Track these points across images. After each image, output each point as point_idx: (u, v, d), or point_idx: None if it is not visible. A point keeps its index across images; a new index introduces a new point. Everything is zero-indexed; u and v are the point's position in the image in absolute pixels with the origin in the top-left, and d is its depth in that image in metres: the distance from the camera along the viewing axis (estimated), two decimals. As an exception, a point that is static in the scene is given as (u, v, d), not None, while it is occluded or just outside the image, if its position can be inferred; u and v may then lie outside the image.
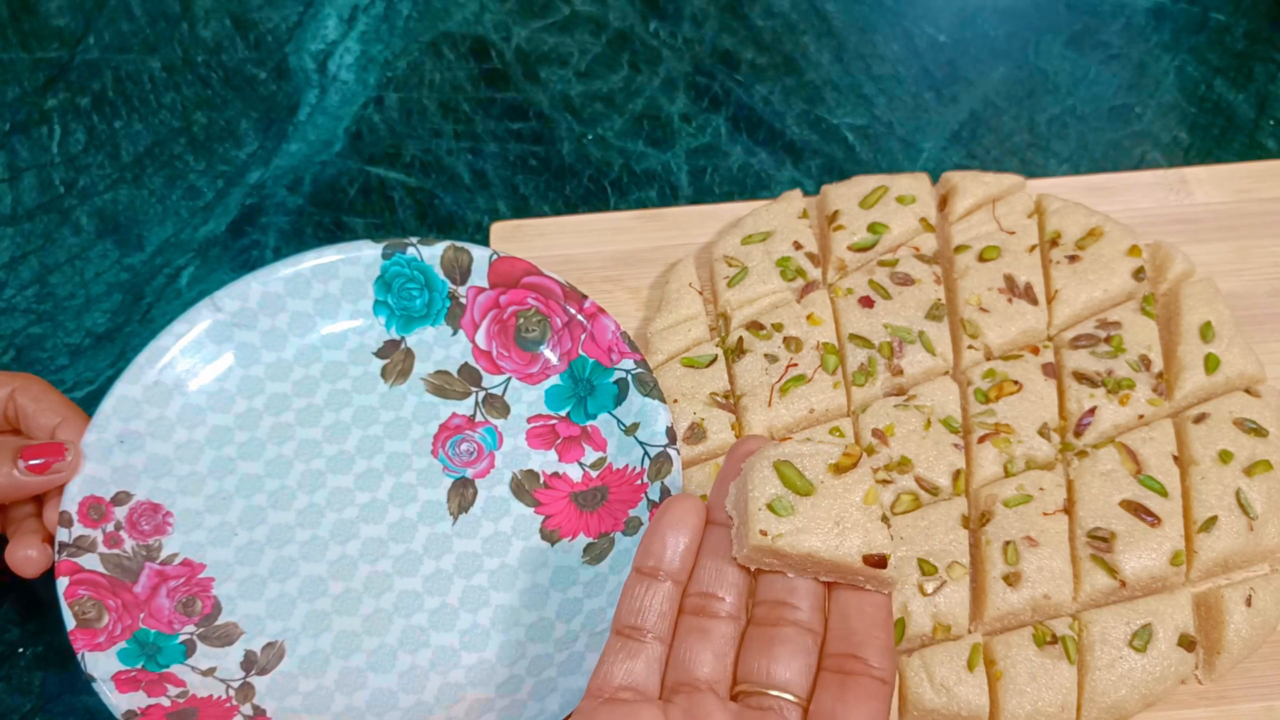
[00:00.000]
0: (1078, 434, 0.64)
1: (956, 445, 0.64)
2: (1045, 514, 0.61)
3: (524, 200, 0.78)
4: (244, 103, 0.83)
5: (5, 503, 0.61)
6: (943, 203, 0.72)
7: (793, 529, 0.47)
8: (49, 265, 0.77)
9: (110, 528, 0.62)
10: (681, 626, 0.49)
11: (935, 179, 0.75)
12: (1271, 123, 0.79)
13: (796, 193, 0.73)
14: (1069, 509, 0.62)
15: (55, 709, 0.63)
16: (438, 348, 0.69)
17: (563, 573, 0.63)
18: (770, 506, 0.48)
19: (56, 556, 0.60)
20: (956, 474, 0.63)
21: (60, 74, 0.84)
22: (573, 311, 0.67)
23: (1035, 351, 0.66)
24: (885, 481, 0.63)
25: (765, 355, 0.66)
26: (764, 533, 0.47)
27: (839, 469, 0.49)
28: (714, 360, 0.67)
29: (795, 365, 0.66)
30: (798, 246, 0.70)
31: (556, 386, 0.68)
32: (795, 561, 0.48)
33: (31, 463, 0.59)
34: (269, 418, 0.67)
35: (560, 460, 0.66)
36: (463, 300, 0.69)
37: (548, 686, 0.58)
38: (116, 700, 0.57)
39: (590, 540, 0.63)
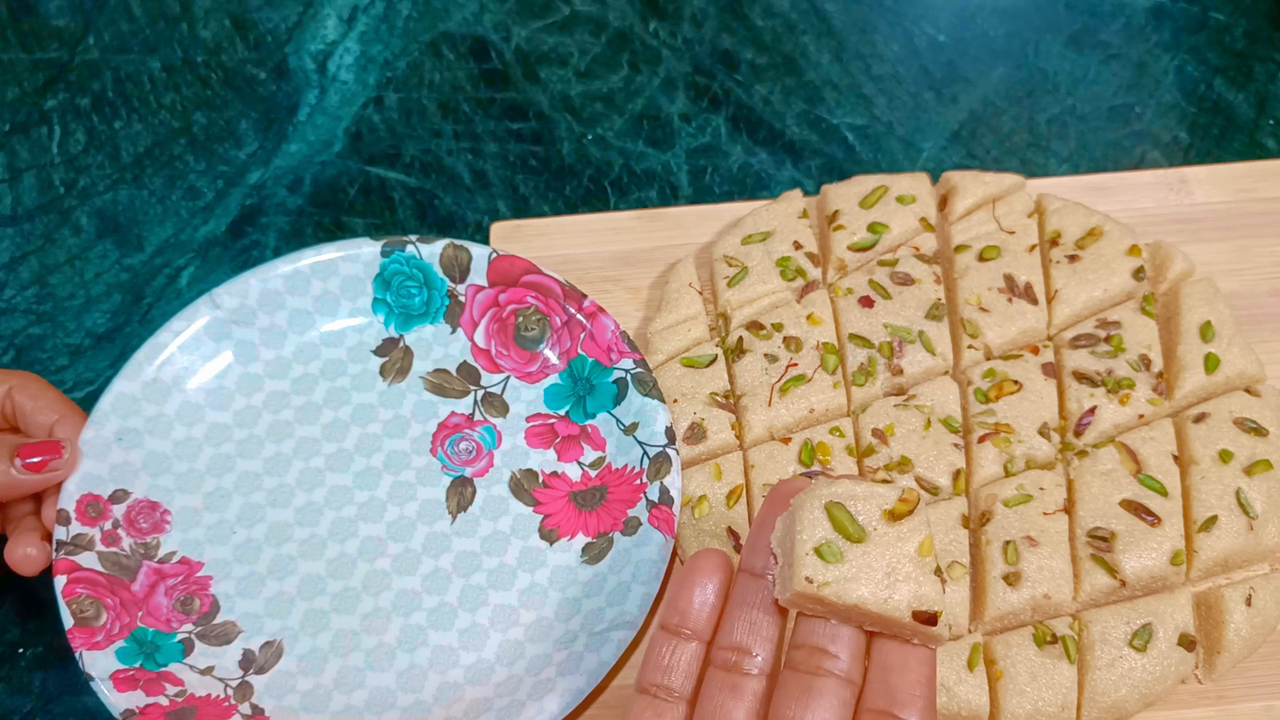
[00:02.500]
0: (1078, 434, 0.64)
1: (956, 445, 0.64)
2: (1045, 514, 0.61)
3: (524, 200, 0.78)
4: (244, 103, 0.83)
5: (3, 501, 0.61)
6: (943, 202, 0.72)
7: (840, 578, 0.45)
8: (49, 265, 0.77)
9: (108, 526, 0.62)
10: (712, 682, 0.47)
11: (935, 179, 0.75)
12: (1271, 122, 0.79)
13: (796, 193, 0.73)
14: (1069, 509, 0.61)
15: (55, 709, 0.63)
16: (437, 346, 0.69)
17: (561, 572, 0.63)
18: (818, 551, 0.45)
19: (54, 555, 0.60)
20: (956, 474, 0.63)
21: (60, 74, 0.84)
22: (572, 310, 0.67)
23: (1035, 351, 0.66)
24: (885, 481, 0.63)
25: (765, 355, 0.66)
26: (809, 579, 0.44)
27: (894, 515, 0.46)
28: (714, 360, 0.67)
29: (795, 365, 0.66)
30: (798, 246, 0.70)
31: (555, 385, 0.68)
32: (840, 611, 0.45)
33: (29, 461, 0.59)
34: (267, 415, 0.67)
35: (559, 459, 0.66)
36: (462, 298, 0.69)
37: (546, 686, 0.58)
38: (115, 699, 0.57)
39: (589, 540, 0.63)
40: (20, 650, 0.65)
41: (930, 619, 0.44)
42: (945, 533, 0.61)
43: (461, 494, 0.65)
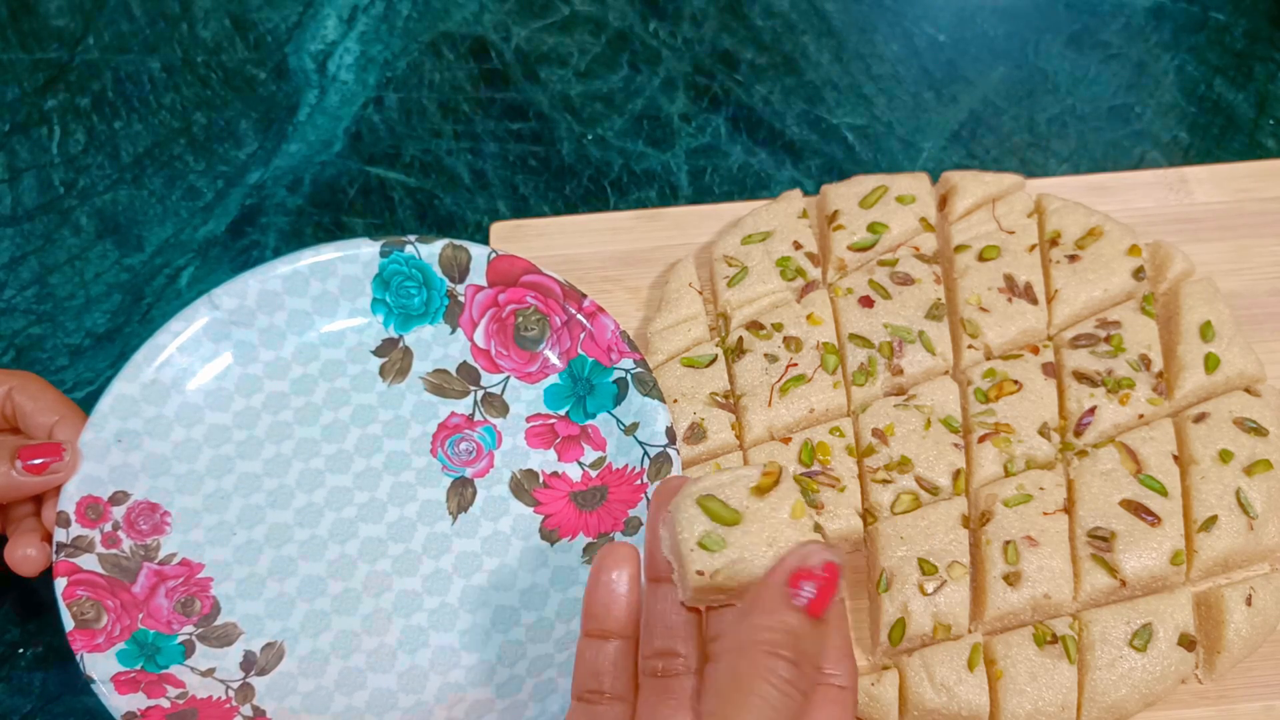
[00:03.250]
0: (1078, 433, 0.64)
1: (956, 445, 0.64)
2: (1045, 514, 0.61)
3: (524, 200, 0.78)
4: (244, 103, 0.83)
5: (3, 502, 0.61)
6: (942, 202, 0.72)
7: (728, 561, 0.46)
8: (49, 265, 0.77)
9: (108, 528, 0.62)
10: (647, 690, 0.47)
11: (935, 179, 0.75)
12: (1271, 122, 0.79)
13: (796, 193, 0.73)
14: (1069, 508, 0.62)
15: (56, 709, 0.63)
16: (436, 346, 0.69)
17: (562, 573, 0.63)
18: (701, 544, 0.46)
19: (54, 557, 0.60)
20: (956, 474, 0.63)
21: (60, 74, 0.84)
22: (572, 310, 0.67)
23: (1035, 351, 0.66)
24: (885, 481, 0.63)
25: (765, 355, 0.66)
26: (701, 572, 0.45)
27: (761, 490, 0.47)
28: (714, 360, 0.67)
29: (795, 365, 0.66)
30: (797, 246, 0.70)
31: (555, 385, 0.67)
32: (740, 592, 0.46)
33: (30, 463, 0.59)
34: (267, 416, 0.67)
35: (559, 460, 0.66)
36: (461, 299, 0.69)
37: (548, 687, 0.58)
38: (116, 702, 0.57)
39: (590, 540, 0.63)
40: (20, 650, 0.65)
41: None
42: (945, 533, 0.61)
43: (462, 495, 0.65)
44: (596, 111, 0.82)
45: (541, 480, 0.65)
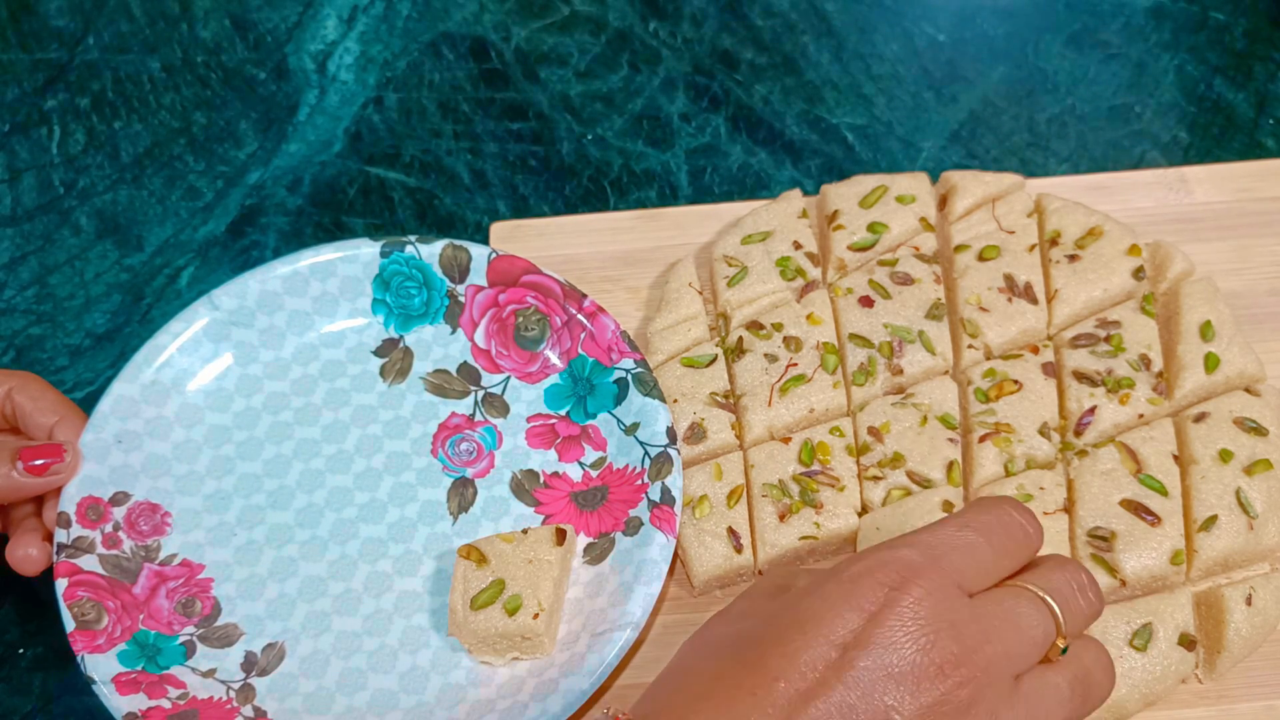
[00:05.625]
0: (1078, 433, 0.64)
1: (952, 440, 0.64)
2: (1045, 513, 0.61)
3: (524, 200, 0.78)
4: (244, 103, 0.83)
5: (4, 503, 0.61)
6: (942, 202, 0.72)
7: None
8: (49, 266, 0.77)
9: (109, 528, 0.62)
10: None
11: (935, 179, 0.75)
12: (1271, 122, 0.79)
13: (796, 192, 0.73)
14: (1069, 508, 0.62)
15: (56, 710, 0.63)
16: (436, 346, 0.69)
17: (562, 573, 0.63)
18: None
19: (55, 558, 0.60)
20: (950, 465, 0.63)
21: (60, 74, 0.84)
22: (572, 310, 0.67)
23: (1035, 351, 0.66)
24: (876, 478, 0.63)
25: (765, 355, 0.66)
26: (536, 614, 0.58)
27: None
28: (714, 360, 0.67)
29: (795, 365, 0.66)
30: (797, 246, 0.70)
31: (556, 386, 0.68)
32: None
33: (31, 464, 0.59)
34: (267, 416, 0.67)
35: (560, 460, 0.66)
36: (461, 299, 0.69)
37: (549, 687, 0.58)
38: (117, 703, 0.57)
39: (590, 540, 0.63)
40: (20, 650, 0.65)
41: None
42: (921, 519, 0.61)
43: (462, 495, 0.65)
44: (596, 111, 0.82)
45: (542, 480, 0.65)
